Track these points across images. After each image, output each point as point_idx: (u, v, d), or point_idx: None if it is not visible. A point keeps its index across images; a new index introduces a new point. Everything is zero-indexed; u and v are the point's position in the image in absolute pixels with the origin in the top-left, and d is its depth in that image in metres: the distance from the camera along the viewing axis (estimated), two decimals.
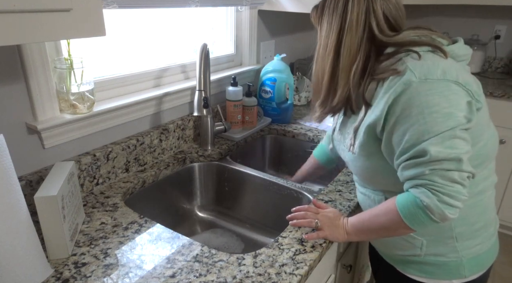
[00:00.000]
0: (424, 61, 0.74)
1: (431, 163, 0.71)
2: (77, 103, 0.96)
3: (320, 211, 0.93)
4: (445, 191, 0.70)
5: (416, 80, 0.71)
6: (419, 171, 0.72)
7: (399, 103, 0.72)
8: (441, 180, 0.70)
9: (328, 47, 0.82)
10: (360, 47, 0.79)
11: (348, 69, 0.80)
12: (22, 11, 0.54)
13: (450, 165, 0.70)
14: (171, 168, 1.21)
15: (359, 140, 0.83)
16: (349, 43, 0.79)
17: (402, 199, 0.76)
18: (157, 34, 1.28)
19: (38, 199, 0.72)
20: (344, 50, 0.80)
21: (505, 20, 2.45)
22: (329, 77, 0.83)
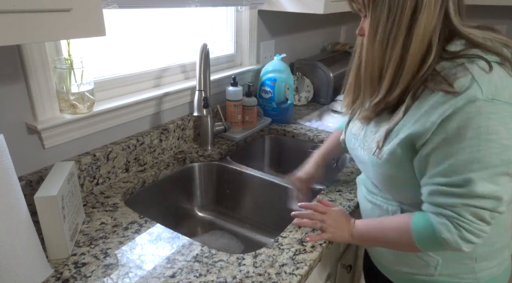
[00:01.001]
0: (492, 76, 0.63)
1: (468, 197, 0.63)
2: (77, 103, 0.96)
3: (327, 210, 0.88)
4: (470, 228, 0.65)
5: (482, 98, 0.61)
6: (451, 202, 0.65)
7: (455, 120, 0.62)
8: (470, 217, 0.64)
9: (396, 30, 0.65)
10: (434, 31, 0.65)
11: (419, 58, 0.66)
12: (22, 11, 0.54)
13: (486, 204, 0.63)
14: (171, 168, 1.21)
15: (390, 146, 0.72)
16: (425, 24, 0.64)
17: (418, 223, 0.70)
18: (157, 34, 1.28)
19: (38, 199, 0.72)
20: (417, 33, 0.64)
21: (505, 20, 2.45)
22: (395, 67, 0.68)
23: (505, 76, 0.65)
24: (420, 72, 0.67)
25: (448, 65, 0.65)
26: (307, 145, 1.45)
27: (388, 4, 0.65)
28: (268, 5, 1.53)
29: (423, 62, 0.67)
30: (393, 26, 0.65)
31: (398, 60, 0.67)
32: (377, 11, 0.66)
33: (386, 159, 0.73)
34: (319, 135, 1.46)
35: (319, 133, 1.48)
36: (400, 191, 0.78)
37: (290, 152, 1.54)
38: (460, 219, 0.65)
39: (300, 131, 1.50)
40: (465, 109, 0.61)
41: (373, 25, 0.68)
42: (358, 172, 1.17)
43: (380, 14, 0.66)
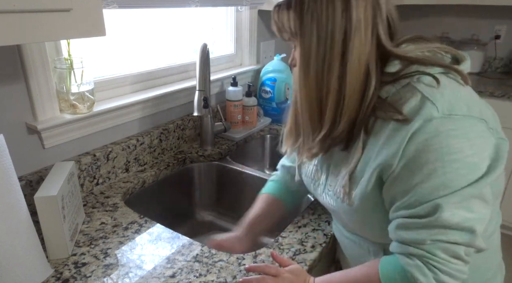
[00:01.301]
0: (443, 90, 0.58)
1: (437, 230, 0.56)
2: (77, 103, 0.96)
3: (280, 273, 0.72)
4: (445, 269, 0.56)
5: (438, 116, 0.56)
6: (419, 238, 0.57)
7: (414, 143, 0.56)
8: (443, 255, 0.56)
9: (328, 59, 0.60)
10: (369, 56, 0.61)
11: (360, 85, 0.61)
12: (22, 11, 0.54)
13: (458, 237, 0.56)
14: (171, 168, 1.21)
15: (359, 189, 0.65)
16: (358, 50, 0.59)
17: (387, 269, 0.62)
18: (157, 34, 1.28)
19: (38, 199, 0.72)
20: (352, 59, 0.60)
21: (505, 20, 2.45)
22: (335, 98, 0.62)
23: (456, 86, 0.60)
24: (364, 101, 0.62)
25: (393, 89, 0.61)
26: None
27: (316, 33, 0.60)
28: (268, 5, 1.53)
29: (364, 90, 0.62)
30: (325, 55, 0.60)
31: (337, 90, 0.61)
32: (306, 40, 0.61)
33: (358, 205, 0.66)
34: None
35: None
36: (380, 233, 0.68)
37: None
38: (432, 259, 0.57)
39: None
40: (422, 130, 0.56)
41: (304, 55, 0.62)
42: None
43: (310, 43, 0.61)
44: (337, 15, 0.59)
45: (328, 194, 0.74)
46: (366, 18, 0.59)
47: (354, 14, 0.58)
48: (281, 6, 0.65)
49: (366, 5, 0.59)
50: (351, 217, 0.70)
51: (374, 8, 0.60)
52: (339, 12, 0.59)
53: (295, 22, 0.63)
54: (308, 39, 0.61)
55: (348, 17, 0.59)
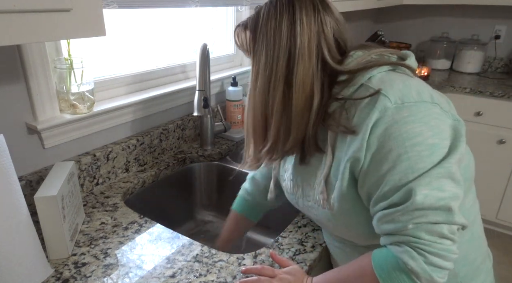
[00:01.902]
0: (393, 82, 0.62)
1: (415, 213, 0.57)
2: (77, 103, 0.96)
3: (277, 273, 0.73)
4: (433, 250, 0.56)
5: (392, 106, 0.59)
6: (401, 226, 0.58)
7: (375, 134, 0.59)
8: (427, 236, 0.57)
9: (274, 79, 0.65)
10: (314, 78, 0.65)
11: (304, 105, 0.65)
12: (22, 11, 0.54)
13: (437, 217, 0.56)
14: (171, 168, 1.21)
15: (336, 191, 0.66)
16: (302, 74, 0.64)
17: (379, 259, 0.62)
18: (157, 34, 1.28)
19: (38, 199, 0.72)
20: (296, 81, 0.64)
21: (505, 20, 2.46)
22: (279, 116, 0.66)
23: (405, 78, 0.64)
24: (310, 117, 0.66)
25: (349, 90, 0.65)
26: None
27: (265, 54, 0.65)
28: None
29: (310, 108, 0.66)
30: (271, 75, 0.65)
31: (281, 108, 0.66)
32: (256, 59, 0.67)
33: (338, 209, 0.68)
34: None
35: None
36: (367, 234, 0.68)
37: None
38: (418, 242, 0.57)
39: None
40: (380, 121, 0.59)
41: (254, 72, 0.68)
42: None
43: (259, 63, 0.66)
44: (283, 39, 0.64)
45: (309, 204, 0.76)
46: (310, 45, 0.64)
47: (298, 40, 0.63)
48: (241, 26, 0.71)
49: (310, 33, 0.64)
50: (335, 222, 0.71)
51: (318, 34, 0.65)
52: (285, 37, 0.64)
53: (249, 42, 0.69)
54: (257, 59, 0.67)
55: (293, 42, 0.64)
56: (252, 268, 0.75)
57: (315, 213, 0.75)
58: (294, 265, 0.76)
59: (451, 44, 2.58)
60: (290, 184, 0.80)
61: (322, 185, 0.69)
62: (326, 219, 0.72)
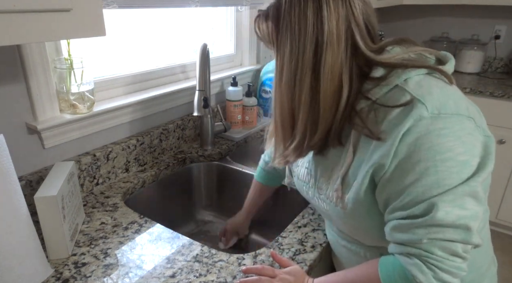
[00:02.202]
0: (431, 89, 0.58)
1: (433, 229, 0.56)
2: (77, 103, 0.96)
3: (277, 273, 0.73)
4: (444, 267, 0.56)
5: (428, 115, 0.56)
6: (416, 238, 0.57)
7: (406, 143, 0.56)
8: (440, 252, 0.56)
9: (300, 70, 0.61)
10: (342, 67, 0.61)
11: (333, 97, 0.61)
12: (22, 11, 0.54)
13: (455, 235, 0.55)
14: (171, 168, 1.21)
15: (352, 193, 0.65)
16: (331, 62, 0.60)
17: (387, 268, 0.61)
18: (157, 34, 1.28)
19: (38, 199, 0.72)
20: (324, 72, 0.60)
21: (505, 20, 2.45)
22: (307, 110, 0.63)
23: (443, 85, 0.60)
24: (338, 110, 0.62)
25: (380, 92, 0.61)
26: None
27: (289, 44, 0.61)
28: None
29: (339, 100, 0.62)
30: (297, 67, 0.61)
31: (309, 101, 0.62)
32: (281, 50, 0.63)
33: (352, 209, 0.66)
34: None
35: None
36: (376, 237, 0.68)
37: None
38: (430, 257, 0.56)
39: None
40: (413, 130, 0.56)
41: (279, 64, 0.64)
42: None
43: (284, 53, 0.62)
44: (309, 27, 0.59)
45: (320, 198, 0.73)
46: (339, 31, 0.59)
47: (326, 26, 0.59)
48: (261, 16, 0.67)
49: (338, 17, 0.59)
50: (345, 220, 0.70)
51: (347, 19, 0.60)
52: (311, 24, 0.59)
53: (272, 32, 0.64)
54: (282, 49, 0.62)
55: (320, 29, 0.59)
56: (253, 268, 0.75)
57: (326, 208, 0.72)
58: (295, 265, 0.75)
59: (451, 44, 2.58)
60: (304, 172, 0.77)
61: (338, 183, 0.67)
62: (337, 216, 0.71)
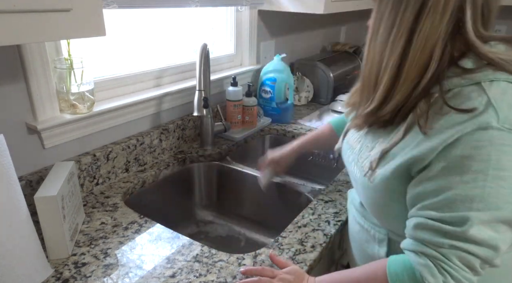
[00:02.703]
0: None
1: (460, 239, 0.54)
2: (77, 103, 0.96)
3: (276, 274, 0.72)
4: (456, 275, 0.55)
5: (496, 126, 0.52)
6: (438, 241, 0.56)
7: (460, 147, 0.53)
8: (457, 262, 0.55)
9: (396, 32, 0.58)
10: (438, 39, 0.56)
11: (418, 69, 0.58)
12: (22, 11, 0.54)
13: (480, 251, 0.54)
14: (171, 168, 1.21)
15: (384, 170, 0.63)
16: (428, 32, 0.55)
17: (396, 266, 0.60)
18: (157, 34, 1.28)
19: (38, 199, 0.72)
20: (418, 39, 0.56)
21: (505, 20, 2.45)
22: (391, 75, 0.60)
23: None
24: (418, 86, 0.59)
25: (461, 82, 0.57)
26: None
27: (392, 3, 0.58)
28: (268, 5, 1.53)
29: (422, 75, 0.58)
30: (393, 27, 0.58)
31: (395, 67, 0.59)
32: (381, 8, 0.60)
33: (377, 185, 0.65)
34: None
35: None
36: (389, 219, 0.69)
37: None
38: (446, 263, 0.55)
39: (300, 131, 1.50)
40: (474, 136, 0.52)
41: (375, 22, 0.62)
42: None
43: (383, 12, 0.59)
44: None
45: (357, 164, 0.73)
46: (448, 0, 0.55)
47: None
48: None
49: None
50: (367, 192, 0.69)
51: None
52: None
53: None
54: (383, 7, 0.60)
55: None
56: (252, 269, 0.74)
57: (356, 175, 0.72)
58: (294, 266, 0.75)
59: None
60: (356, 137, 0.77)
61: (377, 156, 0.65)
62: (362, 186, 0.70)
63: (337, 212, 0.97)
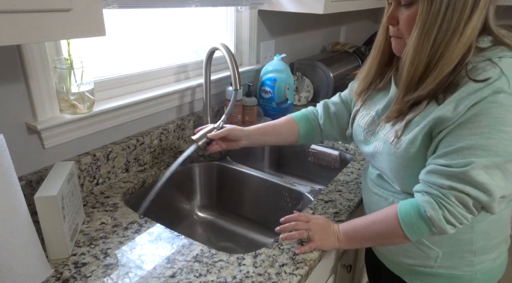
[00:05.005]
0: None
1: (460, 181, 0.65)
2: (77, 103, 0.96)
3: (310, 218, 0.86)
4: (452, 210, 0.66)
5: (508, 91, 0.62)
6: (440, 183, 0.67)
7: (477, 107, 0.63)
8: (454, 200, 0.66)
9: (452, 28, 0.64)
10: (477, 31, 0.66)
11: (460, 58, 0.66)
12: (22, 11, 0.54)
13: (472, 192, 0.64)
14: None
15: (411, 135, 0.72)
16: (475, 25, 0.64)
17: (405, 205, 0.72)
18: (157, 34, 1.28)
19: (38, 199, 0.72)
20: (467, 33, 0.64)
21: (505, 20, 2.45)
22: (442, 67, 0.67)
23: None
24: (455, 71, 0.67)
25: (476, 59, 0.66)
26: (307, 145, 1.45)
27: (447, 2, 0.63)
28: (268, 5, 1.53)
29: (462, 63, 0.67)
30: (450, 25, 0.64)
31: (446, 61, 0.66)
32: (435, 5, 0.64)
33: (404, 148, 0.73)
34: None
35: None
36: (411, 180, 0.76)
37: (290, 152, 1.54)
38: (444, 200, 0.66)
39: None
40: (488, 98, 0.62)
41: (426, 20, 0.65)
42: (359, 172, 1.17)
43: (439, 9, 0.64)
44: None
45: (377, 138, 0.81)
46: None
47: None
48: None
49: None
50: (393, 158, 0.76)
51: None
52: None
53: None
54: (437, 5, 0.64)
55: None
56: (290, 216, 0.88)
57: (378, 147, 0.80)
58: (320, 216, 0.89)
59: None
60: (369, 120, 0.85)
61: (402, 125, 0.74)
62: (387, 153, 0.77)
63: (337, 212, 0.97)
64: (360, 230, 0.80)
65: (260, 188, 1.22)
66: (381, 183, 0.86)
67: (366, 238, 0.80)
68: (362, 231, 0.79)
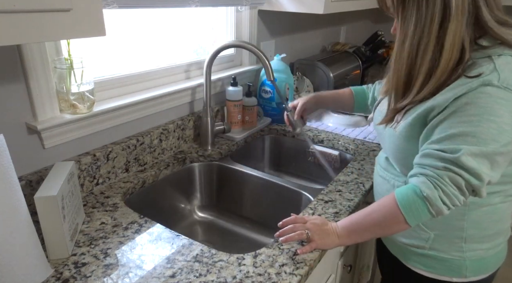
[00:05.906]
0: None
1: (452, 163, 0.68)
2: (77, 103, 0.96)
3: (307, 219, 0.87)
4: (446, 190, 0.69)
5: (496, 84, 0.66)
6: (435, 164, 0.70)
7: (466, 97, 0.67)
8: (447, 180, 0.69)
9: (425, 39, 0.69)
10: (465, 35, 0.68)
11: (446, 65, 0.70)
12: (22, 11, 0.54)
13: (465, 174, 0.68)
14: (171, 168, 1.21)
15: (406, 120, 0.78)
16: (454, 33, 0.67)
17: (401, 190, 0.75)
18: (157, 34, 1.28)
19: (38, 199, 0.72)
20: (447, 41, 0.68)
21: None
22: (425, 76, 0.72)
23: None
24: (453, 74, 0.70)
25: (476, 56, 0.70)
26: (307, 145, 1.45)
27: (415, 17, 0.69)
28: (268, 5, 1.53)
29: (455, 69, 0.70)
30: (421, 39, 0.69)
31: (428, 70, 0.71)
32: (406, 22, 0.71)
33: (400, 132, 0.79)
34: (319, 135, 1.46)
35: (319, 133, 1.48)
36: (408, 163, 0.80)
37: (290, 152, 1.54)
38: (439, 180, 0.69)
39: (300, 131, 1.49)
40: (477, 89, 0.66)
41: (401, 37, 0.72)
42: (359, 172, 1.17)
43: (408, 25, 0.70)
44: (437, 2, 0.67)
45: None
46: (464, 3, 0.66)
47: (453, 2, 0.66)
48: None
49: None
50: (393, 140, 0.83)
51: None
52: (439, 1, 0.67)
53: (397, 5, 0.73)
54: (407, 22, 0.71)
55: (446, 4, 0.67)
56: (286, 220, 0.88)
57: (383, 129, 0.86)
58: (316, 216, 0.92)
59: None
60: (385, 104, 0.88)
61: (402, 112, 0.79)
62: (388, 136, 0.85)
63: (337, 212, 0.97)
64: (359, 222, 0.81)
65: (260, 188, 1.22)
66: (386, 166, 0.91)
67: (366, 228, 0.80)
68: (361, 222, 0.81)
